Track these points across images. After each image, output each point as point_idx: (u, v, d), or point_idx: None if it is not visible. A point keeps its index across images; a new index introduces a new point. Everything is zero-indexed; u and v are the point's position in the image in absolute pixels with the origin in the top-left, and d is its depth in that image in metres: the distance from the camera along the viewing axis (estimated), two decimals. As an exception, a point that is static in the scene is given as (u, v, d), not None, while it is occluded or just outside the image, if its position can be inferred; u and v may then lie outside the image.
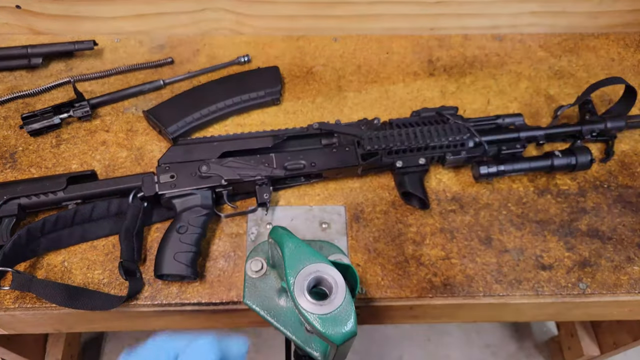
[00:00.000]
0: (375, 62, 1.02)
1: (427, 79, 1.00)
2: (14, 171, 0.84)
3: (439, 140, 0.82)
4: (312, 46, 1.04)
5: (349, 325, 0.51)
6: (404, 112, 0.95)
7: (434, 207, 0.83)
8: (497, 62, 1.03)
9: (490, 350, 1.52)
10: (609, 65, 1.04)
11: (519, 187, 0.86)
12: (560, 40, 1.07)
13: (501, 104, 0.97)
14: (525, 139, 0.86)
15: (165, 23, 1.02)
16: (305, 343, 0.60)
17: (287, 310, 0.63)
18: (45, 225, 0.74)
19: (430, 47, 1.05)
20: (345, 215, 0.82)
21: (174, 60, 1.00)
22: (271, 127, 0.91)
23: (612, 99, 0.99)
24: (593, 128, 0.87)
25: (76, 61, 0.99)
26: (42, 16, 0.98)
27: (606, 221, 0.83)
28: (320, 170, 0.81)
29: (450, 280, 0.76)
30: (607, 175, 0.88)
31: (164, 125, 0.86)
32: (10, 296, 0.73)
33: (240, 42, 1.04)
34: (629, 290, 0.76)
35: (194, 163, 0.79)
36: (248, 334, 1.53)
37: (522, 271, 0.77)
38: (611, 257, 0.79)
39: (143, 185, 0.77)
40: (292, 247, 0.56)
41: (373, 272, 0.76)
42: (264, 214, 0.81)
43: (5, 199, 0.75)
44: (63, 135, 0.89)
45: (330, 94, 0.97)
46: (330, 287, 0.53)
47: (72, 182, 0.77)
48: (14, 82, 0.95)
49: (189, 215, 0.76)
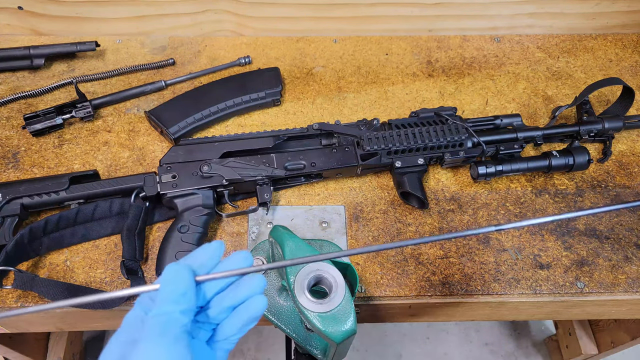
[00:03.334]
0: (374, 63, 1.03)
1: (425, 80, 1.00)
2: (17, 171, 0.85)
3: (437, 141, 0.83)
4: (312, 47, 1.05)
5: (348, 324, 0.52)
6: (403, 112, 0.96)
7: (433, 207, 0.84)
8: (495, 63, 1.04)
9: (489, 349, 1.53)
10: (606, 66, 1.04)
11: (517, 187, 0.87)
12: (558, 41, 1.08)
13: (499, 105, 0.97)
14: (523, 139, 0.86)
15: (167, 24, 1.03)
16: (306, 341, 0.61)
17: (288, 309, 0.63)
18: (47, 224, 0.74)
19: (429, 48, 1.06)
20: (344, 215, 0.83)
21: (176, 61, 1.00)
22: (272, 127, 0.92)
23: (609, 100, 0.99)
24: (591, 128, 0.88)
25: (78, 62, 1.00)
26: (45, 17, 0.99)
27: (604, 221, 0.83)
28: (320, 170, 0.81)
29: (448, 279, 0.77)
30: (604, 175, 0.89)
31: (165, 125, 0.86)
32: (12, 295, 0.73)
33: (241, 44, 1.04)
34: (626, 289, 0.77)
35: (195, 163, 0.80)
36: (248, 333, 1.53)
37: (520, 270, 0.78)
38: (609, 257, 0.79)
39: (145, 185, 0.78)
40: (293, 246, 0.57)
41: (372, 270, 0.77)
42: (265, 214, 0.82)
43: (8, 199, 0.75)
44: (65, 136, 0.89)
45: (330, 95, 0.97)
46: (330, 286, 0.54)
47: (74, 182, 0.78)
48: (16, 83, 0.96)
49: (191, 215, 0.76)
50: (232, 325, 0.43)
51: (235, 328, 0.43)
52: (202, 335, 0.43)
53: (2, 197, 0.75)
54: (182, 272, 0.40)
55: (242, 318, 0.43)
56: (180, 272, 0.40)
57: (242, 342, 1.52)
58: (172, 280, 0.40)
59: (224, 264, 0.44)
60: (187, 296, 0.40)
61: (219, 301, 0.43)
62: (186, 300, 0.40)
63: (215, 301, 0.43)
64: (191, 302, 0.40)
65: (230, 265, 0.43)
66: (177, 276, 0.40)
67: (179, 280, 0.40)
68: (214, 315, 0.43)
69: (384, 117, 0.94)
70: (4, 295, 0.73)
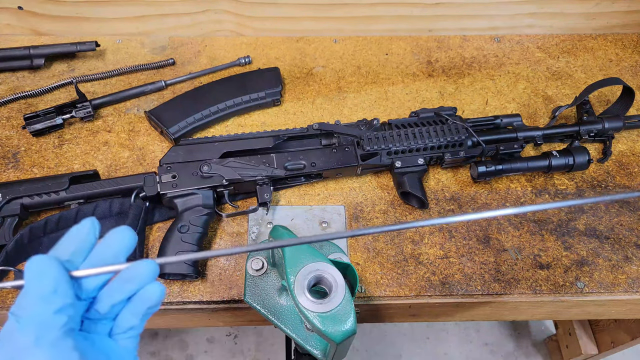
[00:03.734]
0: (374, 63, 1.03)
1: (426, 80, 1.00)
2: (17, 171, 0.85)
3: (437, 141, 0.83)
4: (312, 47, 1.05)
5: (348, 324, 0.52)
6: (403, 112, 0.96)
7: (433, 207, 0.84)
8: (495, 63, 1.04)
9: (489, 349, 1.53)
10: (606, 66, 1.04)
11: (517, 187, 0.87)
12: (558, 41, 1.08)
13: (499, 105, 0.97)
14: (523, 139, 0.87)
15: (167, 24, 1.03)
16: (306, 341, 0.61)
17: (288, 309, 0.63)
18: (47, 224, 0.74)
19: (429, 48, 1.06)
20: (344, 215, 0.83)
21: (176, 61, 1.00)
22: (272, 127, 0.92)
23: (609, 100, 0.99)
24: (591, 128, 0.88)
25: (78, 62, 1.00)
26: (45, 17, 0.99)
27: (604, 221, 0.83)
28: (320, 170, 0.82)
29: (448, 279, 0.77)
30: (604, 175, 0.89)
31: (165, 125, 0.86)
32: (12, 295, 0.73)
33: (241, 44, 1.04)
34: (626, 289, 0.77)
35: (195, 163, 0.80)
36: (248, 333, 1.54)
37: (520, 270, 0.78)
38: (609, 257, 0.79)
39: (145, 185, 0.78)
40: (293, 246, 0.57)
41: (372, 270, 0.77)
42: (265, 214, 0.82)
43: (8, 199, 0.75)
44: (65, 136, 0.89)
45: (330, 95, 0.97)
46: (330, 286, 0.54)
47: (74, 182, 0.78)
48: (16, 83, 0.96)
49: (191, 215, 0.76)
50: (133, 316, 0.38)
51: (137, 318, 0.39)
52: (101, 328, 0.39)
53: (2, 197, 0.75)
54: (47, 266, 0.35)
55: (141, 308, 0.38)
56: (45, 265, 0.35)
57: (242, 342, 1.52)
58: (37, 277, 0.34)
59: (102, 247, 0.38)
60: (60, 292, 0.34)
61: (107, 295, 0.38)
62: (59, 297, 0.34)
63: (103, 295, 0.38)
64: (66, 298, 0.34)
65: (109, 248, 0.38)
66: (43, 271, 0.34)
67: (46, 276, 0.34)
68: (105, 311, 0.38)
69: (384, 117, 0.94)
70: (4, 295, 0.73)
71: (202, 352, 1.51)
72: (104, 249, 0.38)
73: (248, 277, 0.65)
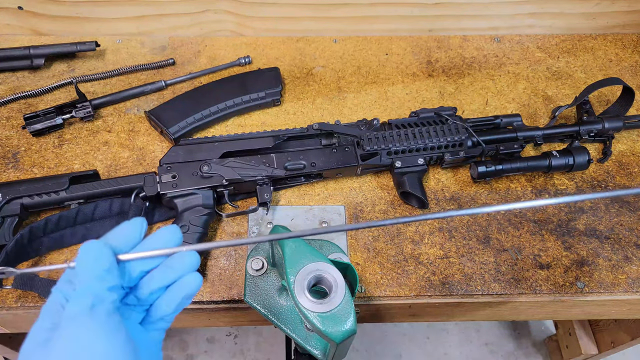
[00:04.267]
0: (374, 63, 1.03)
1: (425, 80, 1.00)
2: (17, 171, 0.85)
3: (437, 141, 0.83)
4: (312, 47, 1.05)
5: (348, 324, 0.52)
6: (403, 112, 0.96)
7: (433, 207, 0.84)
8: (495, 63, 1.04)
9: (489, 349, 1.53)
10: (606, 66, 1.04)
11: (517, 186, 0.87)
12: (558, 41, 1.08)
13: (499, 105, 0.97)
14: (523, 139, 0.87)
15: (167, 24, 1.03)
16: (306, 341, 0.61)
17: (288, 309, 0.63)
18: (47, 224, 0.74)
19: (429, 48, 1.06)
20: (344, 215, 0.83)
21: (176, 61, 1.00)
22: (272, 127, 0.92)
23: (609, 100, 0.99)
24: (591, 128, 0.88)
25: (78, 62, 1.00)
26: (44, 17, 0.99)
27: (604, 221, 0.83)
28: (320, 170, 0.81)
29: (448, 279, 0.77)
30: (604, 175, 0.89)
31: (165, 125, 0.86)
32: (12, 295, 0.73)
33: (240, 44, 1.04)
34: (626, 289, 0.77)
35: (195, 163, 0.80)
36: (248, 333, 1.54)
37: (520, 270, 0.78)
38: (609, 257, 0.79)
39: (145, 185, 0.78)
40: (293, 246, 0.57)
41: (372, 270, 0.77)
42: (265, 214, 0.82)
43: (8, 199, 0.75)
44: (65, 136, 0.89)
45: (330, 95, 0.97)
46: (330, 286, 0.54)
47: (74, 182, 0.78)
48: (16, 83, 0.96)
49: (191, 215, 0.76)
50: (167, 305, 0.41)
51: (171, 307, 0.41)
52: (134, 316, 0.41)
53: (2, 197, 0.75)
54: (102, 249, 0.38)
55: (177, 297, 0.41)
56: (100, 249, 0.38)
57: (242, 342, 1.52)
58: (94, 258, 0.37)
59: (149, 242, 0.41)
60: (112, 273, 0.37)
61: (148, 281, 0.40)
62: (112, 278, 0.37)
63: (144, 282, 0.40)
64: (116, 280, 0.37)
65: (155, 243, 0.40)
66: (98, 253, 0.37)
67: (101, 257, 0.37)
68: (144, 296, 0.40)
69: (384, 117, 0.94)
70: (4, 295, 0.73)
71: (202, 352, 1.51)
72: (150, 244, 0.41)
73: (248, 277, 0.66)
